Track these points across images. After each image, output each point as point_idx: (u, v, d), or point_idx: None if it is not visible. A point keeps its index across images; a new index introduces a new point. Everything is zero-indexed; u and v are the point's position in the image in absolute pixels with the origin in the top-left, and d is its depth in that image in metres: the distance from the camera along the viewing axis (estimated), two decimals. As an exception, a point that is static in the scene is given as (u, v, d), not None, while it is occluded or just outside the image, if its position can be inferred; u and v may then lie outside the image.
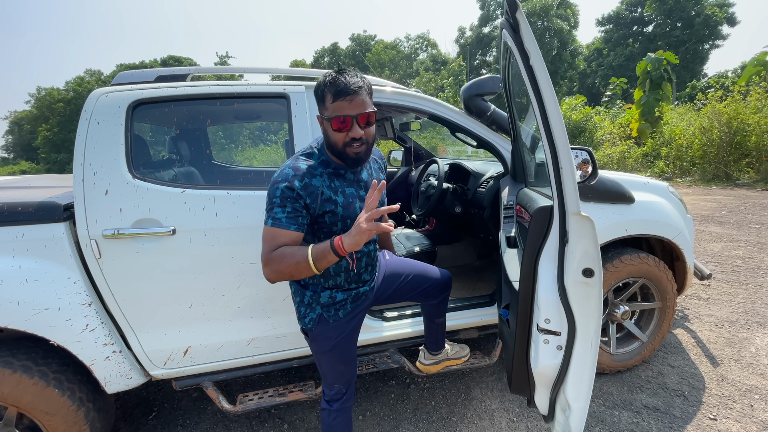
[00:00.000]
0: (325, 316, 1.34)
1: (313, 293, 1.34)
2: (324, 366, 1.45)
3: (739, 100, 9.18)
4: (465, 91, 2.10)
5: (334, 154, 1.25)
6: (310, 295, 1.34)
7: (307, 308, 1.35)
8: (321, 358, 1.43)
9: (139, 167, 1.69)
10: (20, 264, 1.52)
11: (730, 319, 2.90)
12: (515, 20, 1.06)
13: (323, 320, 1.34)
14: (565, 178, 1.04)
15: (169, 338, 1.74)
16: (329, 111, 1.18)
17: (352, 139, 1.18)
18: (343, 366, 1.44)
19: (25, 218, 1.52)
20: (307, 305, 1.35)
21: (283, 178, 1.19)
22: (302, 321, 1.37)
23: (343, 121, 1.16)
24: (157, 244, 1.63)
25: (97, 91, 1.69)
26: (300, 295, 1.36)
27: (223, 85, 1.80)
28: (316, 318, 1.34)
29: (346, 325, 1.40)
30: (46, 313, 1.52)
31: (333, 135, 1.20)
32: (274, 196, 1.18)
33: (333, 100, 1.15)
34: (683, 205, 2.49)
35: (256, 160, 15.11)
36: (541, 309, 1.17)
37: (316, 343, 1.40)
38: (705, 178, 9.12)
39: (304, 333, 1.41)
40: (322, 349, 1.40)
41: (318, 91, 1.20)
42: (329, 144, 1.24)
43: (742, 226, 5.29)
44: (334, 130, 1.18)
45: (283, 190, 1.18)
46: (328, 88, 1.16)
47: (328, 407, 1.47)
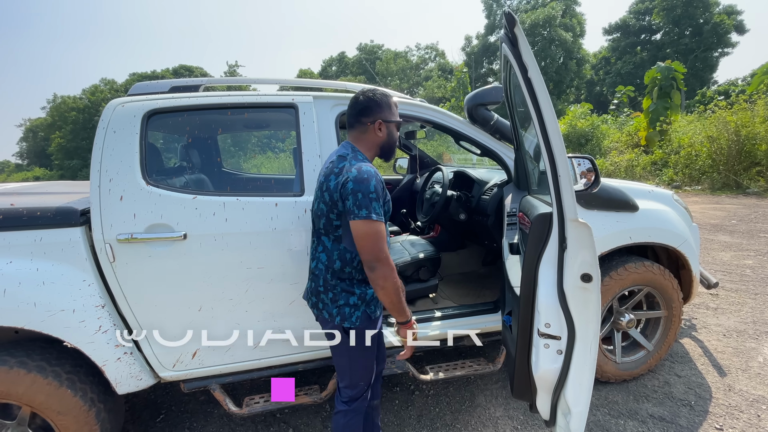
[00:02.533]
0: (368, 312, 1.42)
1: (361, 292, 1.41)
2: (358, 364, 1.48)
3: (745, 108, 9.11)
4: (469, 101, 2.14)
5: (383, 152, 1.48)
6: (359, 294, 1.40)
7: (353, 308, 1.40)
8: (357, 356, 1.47)
9: (152, 174, 1.75)
10: (38, 267, 1.58)
11: (739, 329, 2.87)
12: (513, 35, 1.11)
13: (366, 316, 1.42)
14: (563, 186, 1.07)
15: (178, 341, 1.78)
16: (395, 115, 1.46)
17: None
18: (373, 363, 1.53)
19: (44, 223, 1.59)
20: (353, 305, 1.40)
21: (370, 175, 1.28)
22: (348, 321, 1.40)
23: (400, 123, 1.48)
24: (168, 248, 1.68)
25: (115, 101, 1.76)
26: (345, 298, 1.40)
27: (234, 96, 1.87)
28: (362, 315, 1.41)
29: (378, 321, 1.50)
30: (61, 315, 1.57)
31: (395, 134, 1.47)
32: (370, 191, 1.25)
33: (396, 107, 1.46)
34: (689, 213, 2.50)
35: (264, 167, 15.30)
36: (541, 314, 1.19)
37: (358, 340, 1.43)
38: (714, 187, 9.04)
39: (345, 333, 1.43)
40: (362, 346, 1.44)
41: (387, 99, 1.44)
42: (389, 143, 1.46)
43: (752, 235, 5.23)
44: (396, 130, 1.47)
45: (375, 185, 1.27)
46: (391, 98, 1.45)
47: (346, 408, 1.50)
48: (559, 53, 29.45)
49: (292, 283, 1.84)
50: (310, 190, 1.81)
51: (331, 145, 1.90)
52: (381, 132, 1.42)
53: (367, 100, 1.41)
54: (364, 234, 1.25)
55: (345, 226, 1.35)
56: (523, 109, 1.41)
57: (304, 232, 1.80)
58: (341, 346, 1.45)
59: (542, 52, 28.82)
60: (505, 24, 1.13)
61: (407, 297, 2.33)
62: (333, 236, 1.39)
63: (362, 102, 1.42)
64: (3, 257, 1.56)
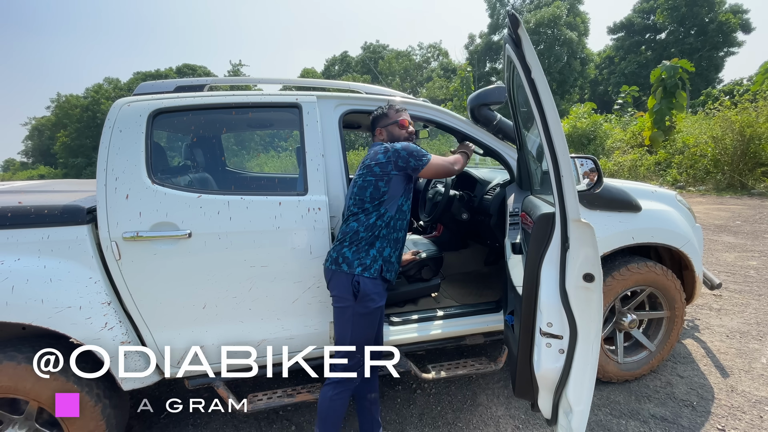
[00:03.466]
0: (384, 268, 1.63)
1: (381, 246, 1.64)
2: (358, 328, 1.63)
3: (748, 107, 9.04)
4: (472, 101, 2.15)
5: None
6: (378, 247, 1.63)
7: (373, 260, 1.61)
8: (359, 320, 1.62)
9: (158, 173, 1.77)
10: (45, 264, 1.60)
11: (742, 330, 2.87)
12: (517, 36, 1.11)
13: (381, 271, 1.62)
14: (565, 186, 1.08)
15: (183, 338, 1.80)
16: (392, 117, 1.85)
17: None
18: (371, 332, 1.67)
19: (51, 221, 1.61)
20: (373, 258, 1.62)
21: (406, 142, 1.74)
22: (368, 270, 1.60)
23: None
24: (173, 246, 1.70)
25: (121, 100, 1.78)
26: (366, 249, 1.62)
27: (238, 95, 1.88)
28: (379, 268, 1.62)
29: (384, 296, 1.68)
30: (68, 311, 1.59)
31: (395, 133, 1.83)
32: (416, 148, 1.70)
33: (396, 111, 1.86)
34: (692, 214, 2.49)
35: (268, 166, 15.34)
36: (543, 313, 1.20)
37: (361, 303, 1.60)
38: (719, 188, 8.98)
39: (355, 293, 1.59)
40: (363, 310, 1.61)
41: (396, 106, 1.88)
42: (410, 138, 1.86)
43: (756, 236, 5.21)
44: (402, 128, 1.84)
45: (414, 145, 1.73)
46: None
47: (336, 379, 1.64)
48: (564, 52, 29.32)
49: (295, 282, 1.85)
50: (314, 189, 1.83)
51: (335, 144, 1.92)
52: (406, 131, 1.84)
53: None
54: (435, 171, 1.74)
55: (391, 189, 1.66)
56: (526, 109, 1.42)
57: (307, 230, 1.81)
58: (347, 308, 1.61)
59: (547, 51, 28.71)
60: (509, 25, 1.14)
61: (410, 296, 2.35)
62: (377, 202, 1.65)
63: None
64: (11, 254, 1.58)
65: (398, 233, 1.71)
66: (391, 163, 1.65)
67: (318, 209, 1.81)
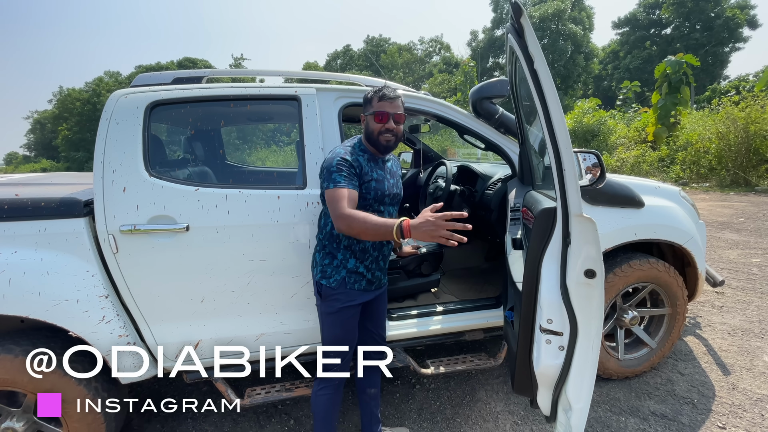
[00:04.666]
0: (347, 280, 1.56)
1: (343, 258, 1.56)
2: (326, 328, 1.63)
3: (752, 104, 8.95)
4: (474, 94, 2.12)
5: (370, 142, 1.57)
6: (341, 259, 1.56)
7: (335, 270, 1.56)
8: (325, 319, 1.62)
9: (155, 166, 1.75)
10: (42, 257, 1.59)
11: (744, 328, 2.85)
12: (520, 25, 1.08)
13: (343, 284, 1.55)
14: (567, 180, 1.06)
15: (181, 331, 1.79)
16: (373, 107, 1.53)
17: (387, 129, 1.52)
18: (341, 333, 1.62)
19: (48, 213, 1.60)
20: (335, 267, 1.56)
21: (336, 155, 1.48)
22: (327, 279, 1.56)
23: (381, 116, 1.51)
24: (171, 240, 1.69)
25: (117, 92, 1.76)
26: (330, 257, 1.57)
27: (236, 87, 1.86)
28: (340, 279, 1.55)
29: (355, 299, 1.59)
30: (65, 304, 1.59)
31: (373, 125, 1.53)
32: (331, 166, 1.45)
33: (378, 101, 1.52)
34: (695, 210, 2.46)
35: (269, 160, 15.30)
36: (543, 309, 1.18)
37: (326, 302, 1.58)
38: (722, 184, 8.92)
39: (318, 291, 1.59)
40: (329, 309, 1.58)
41: (368, 95, 1.57)
42: (368, 133, 1.56)
43: (759, 233, 5.17)
44: (375, 122, 1.52)
45: (338, 161, 1.46)
46: (376, 94, 1.54)
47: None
48: (568, 47, 29.07)
49: (294, 276, 1.84)
50: (313, 183, 1.81)
51: (335, 137, 1.89)
52: (363, 124, 1.60)
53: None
54: (327, 202, 1.44)
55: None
56: (528, 102, 1.39)
57: (306, 225, 1.80)
58: (317, 306, 1.63)
59: (551, 46, 28.47)
60: (512, 14, 1.11)
61: (410, 291, 2.34)
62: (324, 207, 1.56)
63: None
64: (8, 247, 1.57)
65: (364, 243, 1.57)
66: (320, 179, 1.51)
67: (317, 203, 1.79)
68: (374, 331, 1.81)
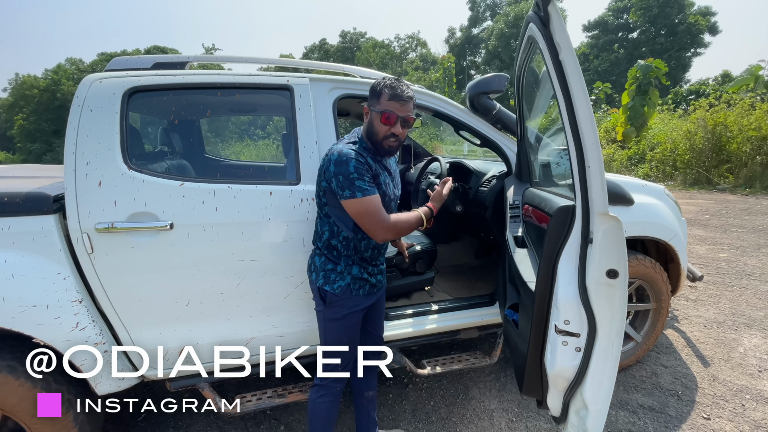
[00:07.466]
0: (351, 287, 1.47)
1: (347, 264, 1.47)
2: (329, 333, 1.54)
3: (724, 108, 9.46)
4: (471, 89, 2.08)
5: (371, 142, 1.42)
6: (344, 266, 1.47)
7: (339, 276, 1.46)
8: (329, 325, 1.53)
9: (134, 158, 1.61)
10: (6, 258, 1.43)
11: (718, 320, 2.97)
12: (546, 13, 1.04)
13: (348, 290, 1.47)
14: (592, 177, 1.03)
15: (163, 337, 1.67)
16: (381, 106, 1.36)
17: (392, 134, 1.37)
18: (345, 337, 1.54)
19: (12, 210, 1.44)
20: (339, 273, 1.47)
21: (348, 156, 1.32)
22: (331, 285, 1.46)
23: (389, 117, 1.35)
24: (153, 238, 1.56)
25: (91, 76, 1.60)
26: (333, 263, 1.48)
27: (224, 75, 1.74)
28: (345, 286, 1.46)
29: (360, 303, 1.52)
30: (33, 311, 1.44)
31: (378, 126, 1.37)
32: (350, 172, 1.30)
33: (388, 99, 1.35)
34: (678, 207, 2.54)
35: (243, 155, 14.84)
36: (560, 310, 1.15)
37: (331, 308, 1.49)
38: (687, 183, 9.37)
39: (322, 298, 1.48)
40: (334, 315, 1.50)
41: (377, 87, 1.38)
42: (371, 133, 1.40)
43: (724, 229, 5.45)
44: (381, 122, 1.36)
45: (356, 165, 1.31)
46: (388, 89, 1.36)
47: (320, 382, 1.56)
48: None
49: (287, 277, 1.75)
50: (307, 179, 1.72)
51: (329, 131, 1.80)
52: (367, 119, 1.43)
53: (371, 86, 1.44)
54: (356, 213, 1.33)
55: (331, 203, 1.41)
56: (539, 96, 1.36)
57: (300, 222, 1.70)
58: (318, 311, 1.53)
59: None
60: (539, 2, 1.06)
61: (405, 290, 2.29)
62: (323, 212, 1.46)
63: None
64: (-35, 247, 1.40)
65: (366, 252, 1.50)
66: (324, 181, 1.38)
67: (311, 200, 1.70)
68: (373, 331, 1.75)
